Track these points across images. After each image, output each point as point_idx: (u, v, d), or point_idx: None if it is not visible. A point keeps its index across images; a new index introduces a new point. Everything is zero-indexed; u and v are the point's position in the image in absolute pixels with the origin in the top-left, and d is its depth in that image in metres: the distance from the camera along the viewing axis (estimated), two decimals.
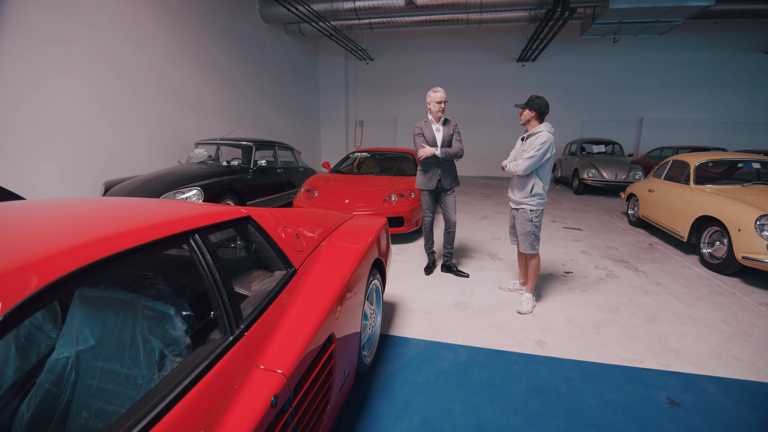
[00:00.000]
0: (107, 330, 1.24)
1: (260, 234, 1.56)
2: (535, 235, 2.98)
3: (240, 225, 1.53)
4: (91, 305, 1.24)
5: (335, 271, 1.74)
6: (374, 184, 5.20)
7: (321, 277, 1.66)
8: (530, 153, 2.77)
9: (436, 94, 3.44)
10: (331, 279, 1.67)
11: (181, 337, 1.22)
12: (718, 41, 11.24)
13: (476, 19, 9.64)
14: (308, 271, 1.67)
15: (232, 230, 1.54)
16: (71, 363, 1.18)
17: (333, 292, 1.60)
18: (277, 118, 10.62)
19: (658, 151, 10.18)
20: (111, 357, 1.23)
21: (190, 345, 1.22)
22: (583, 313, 3.05)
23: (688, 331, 2.81)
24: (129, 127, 6.04)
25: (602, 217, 6.70)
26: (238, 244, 1.59)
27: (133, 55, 6.01)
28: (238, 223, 1.51)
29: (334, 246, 1.97)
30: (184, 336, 1.22)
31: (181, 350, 1.21)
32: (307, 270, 1.68)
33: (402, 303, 3.17)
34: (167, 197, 4.54)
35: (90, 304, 1.24)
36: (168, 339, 1.21)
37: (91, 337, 1.24)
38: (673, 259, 4.45)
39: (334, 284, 1.65)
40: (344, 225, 2.35)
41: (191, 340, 1.22)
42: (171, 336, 1.21)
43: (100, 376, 1.20)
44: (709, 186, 4.56)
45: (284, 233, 1.70)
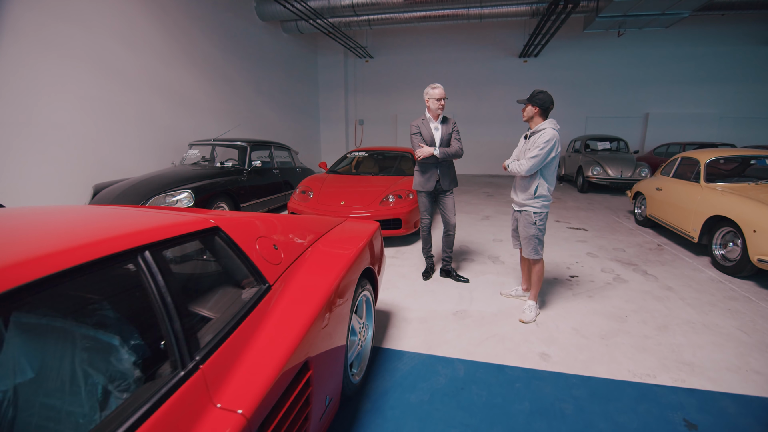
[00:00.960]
0: (47, 361, 1.09)
1: (230, 247, 1.40)
2: (539, 240, 2.80)
3: (206, 237, 1.37)
4: (29, 333, 1.08)
5: (316, 286, 1.58)
6: (371, 185, 5.03)
7: (299, 293, 1.49)
8: (534, 152, 2.59)
9: (434, 91, 3.26)
10: (310, 295, 1.51)
11: (128, 371, 1.06)
12: (725, 34, 10.96)
13: (476, 14, 9.43)
14: (286, 287, 1.50)
15: (198, 243, 1.38)
16: (8, 398, 1.02)
17: (312, 309, 1.43)
18: (275, 118, 10.47)
19: (665, 147, 9.94)
20: (51, 392, 1.07)
21: (138, 380, 1.06)
22: (589, 321, 2.87)
23: (702, 342, 2.63)
24: (121, 128, 5.91)
25: (608, 217, 6.50)
26: (204, 259, 1.43)
27: (124, 55, 5.86)
28: (204, 235, 1.35)
29: (317, 256, 1.80)
30: (131, 370, 1.06)
31: (129, 386, 1.05)
32: (285, 285, 1.51)
33: (397, 311, 3.00)
34: (156, 201, 4.40)
35: (28, 331, 1.08)
36: (112, 373, 1.05)
37: (30, 369, 1.08)
38: (683, 261, 4.26)
39: (314, 301, 1.48)
40: (332, 231, 2.19)
41: (140, 375, 1.06)
42: (116, 370, 1.05)
43: (39, 412, 1.04)
44: (721, 184, 4.36)
45: (259, 244, 1.53)
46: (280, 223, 1.90)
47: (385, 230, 4.46)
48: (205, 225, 1.37)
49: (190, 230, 1.30)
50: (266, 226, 1.71)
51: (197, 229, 1.32)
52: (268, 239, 1.60)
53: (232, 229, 1.46)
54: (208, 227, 1.37)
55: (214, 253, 1.38)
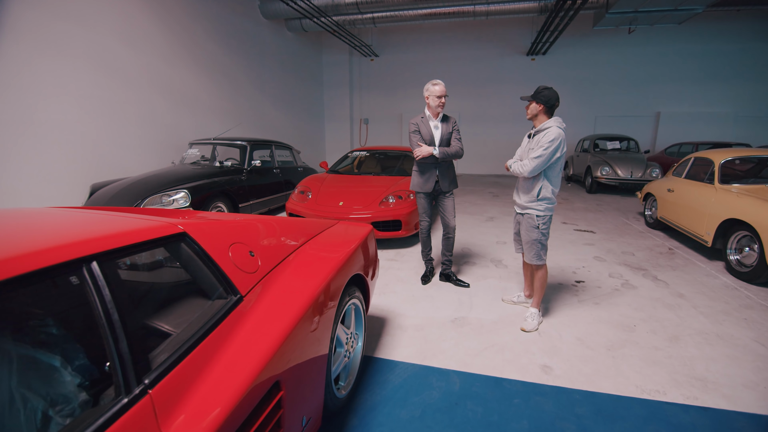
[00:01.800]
0: None
1: (197, 255, 1.29)
2: (542, 244, 2.65)
3: (171, 244, 1.26)
4: None
5: (295, 295, 1.46)
6: (371, 185, 4.91)
7: (275, 304, 1.38)
8: (537, 152, 2.45)
9: (435, 87, 3.13)
10: (287, 305, 1.39)
11: (72, 394, 0.95)
12: (739, 31, 10.61)
13: (483, 11, 9.26)
14: (261, 297, 1.39)
15: (163, 251, 1.27)
16: None
17: (287, 322, 1.32)
18: (279, 117, 10.40)
19: (677, 147, 9.66)
20: None
21: (83, 405, 0.95)
22: (595, 331, 2.72)
23: (716, 354, 2.46)
24: (120, 127, 5.86)
25: (617, 219, 6.30)
26: (168, 269, 1.32)
27: (124, 53, 5.82)
28: (168, 242, 1.24)
29: (300, 262, 1.69)
30: (75, 394, 0.95)
31: (72, 411, 0.94)
32: (260, 295, 1.40)
33: (393, 318, 2.88)
34: (152, 201, 4.33)
35: None
36: (54, 398, 0.94)
37: None
38: (695, 266, 4.07)
39: (291, 312, 1.37)
40: (321, 235, 2.08)
41: (85, 399, 0.96)
42: (58, 394, 0.95)
43: None
44: (736, 185, 4.16)
45: (233, 252, 1.42)
46: (263, 227, 1.79)
47: (384, 232, 4.34)
48: (171, 231, 1.26)
49: (152, 237, 1.19)
50: (244, 231, 1.60)
51: (160, 236, 1.22)
52: (243, 245, 1.49)
53: (202, 235, 1.35)
54: (174, 233, 1.26)
55: (180, 262, 1.27)
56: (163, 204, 4.38)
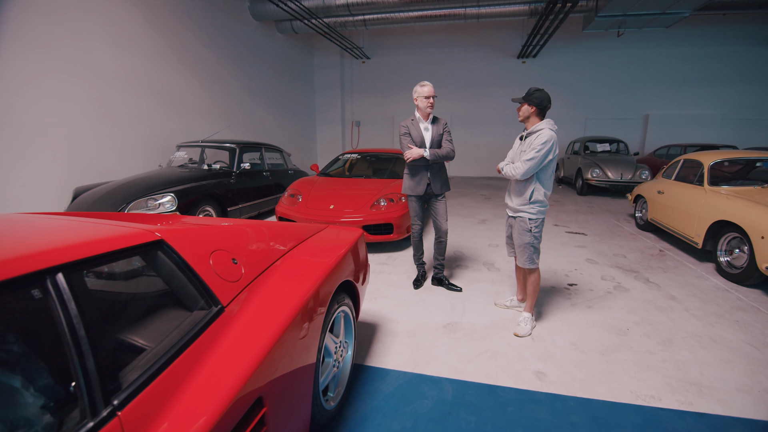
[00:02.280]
0: None
1: (175, 264, 1.22)
2: (535, 248, 2.62)
3: (147, 253, 1.19)
4: None
5: (280, 305, 1.40)
6: (362, 188, 4.85)
7: (258, 315, 1.31)
8: (530, 154, 2.41)
9: (423, 89, 3.09)
10: (271, 316, 1.33)
11: (34, 418, 0.88)
12: (726, 35, 10.80)
13: (474, 13, 9.28)
14: (243, 307, 1.32)
15: (139, 259, 1.20)
16: None
17: (271, 334, 1.25)
18: (269, 119, 10.30)
19: (665, 149, 9.77)
20: None
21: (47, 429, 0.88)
22: (589, 335, 2.69)
23: (710, 358, 2.45)
24: (106, 129, 5.73)
25: (608, 220, 6.32)
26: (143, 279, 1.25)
27: (109, 54, 5.69)
28: (143, 250, 1.17)
29: (286, 270, 1.62)
30: (37, 417, 0.88)
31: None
32: (243, 305, 1.33)
33: (384, 324, 2.82)
34: (137, 205, 4.22)
35: None
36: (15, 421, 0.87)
37: None
38: (686, 268, 4.08)
39: (275, 323, 1.30)
40: (309, 240, 2.01)
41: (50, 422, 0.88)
42: (19, 417, 0.87)
43: None
44: (725, 187, 4.19)
45: (215, 259, 1.36)
46: (247, 233, 1.72)
47: (376, 235, 4.28)
48: (146, 238, 1.19)
49: (126, 245, 1.12)
50: (227, 237, 1.53)
51: (134, 244, 1.15)
52: (226, 253, 1.42)
53: (181, 242, 1.28)
54: (150, 241, 1.20)
55: (157, 272, 1.20)
56: (149, 208, 4.28)
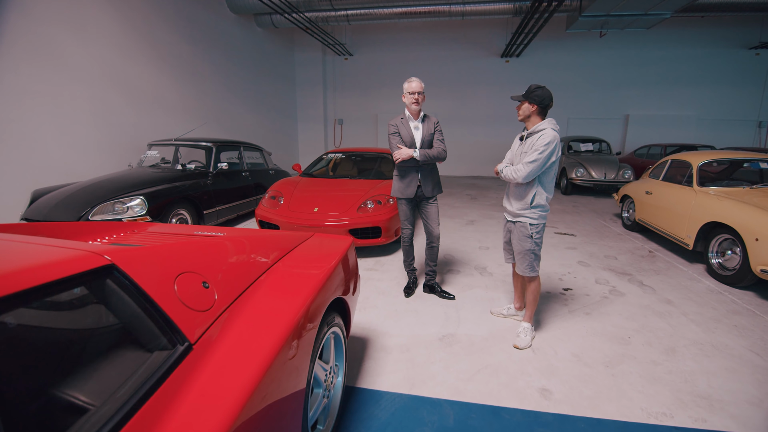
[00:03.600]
0: None
1: (129, 293, 0.99)
2: (536, 255, 2.47)
3: (93, 282, 0.95)
4: None
5: (261, 336, 1.18)
6: (348, 189, 4.63)
7: (235, 352, 1.09)
8: (532, 156, 2.25)
9: (410, 84, 2.90)
10: (251, 351, 1.11)
11: None
12: (703, 37, 11.06)
13: (458, 11, 9.16)
14: (216, 343, 1.10)
15: (83, 290, 0.96)
16: None
17: (250, 376, 1.04)
18: (248, 117, 9.92)
19: (646, 149, 9.91)
20: None
21: None
22: (591, 345, 2.56)
23: (715, 367, 2.35)
24: (70, 126, 5.32)
25: (594, 220, 6.30)
26: (88, 316, 1.01)
27: (72, 43, 5.27)
28: (88, 279, 0.94)
29: (267, 292, 1.40)
30: None
31: None
32: (216, 340, 1.11)
33: (375, 337, 2.62)
34: (103, 209, 3.88)
35: None
36: None
37: None
38: (678, 270, 4.04)
39: (255, 361, 1.08)
40: (293, 253, 1.79)
41: None
42: None
43: None
44: (714, 188, 4.17)
45: (180, 285, 1.13)
46: (222, 247, 1.48)
47: (363, 239, 4.08)
48: (92, 263, 0.95)
49: (64, 274, 0.88)
50: (196, 255, 1.29)
51: (76, 272, 0.91)
52: (194, 275, 1.19)
53: (137, 265, 1.05)
54: (98, 267, 0.96)
55: (106, 305, 0.97)
56: (116, 212, 3.94)
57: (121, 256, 1.03)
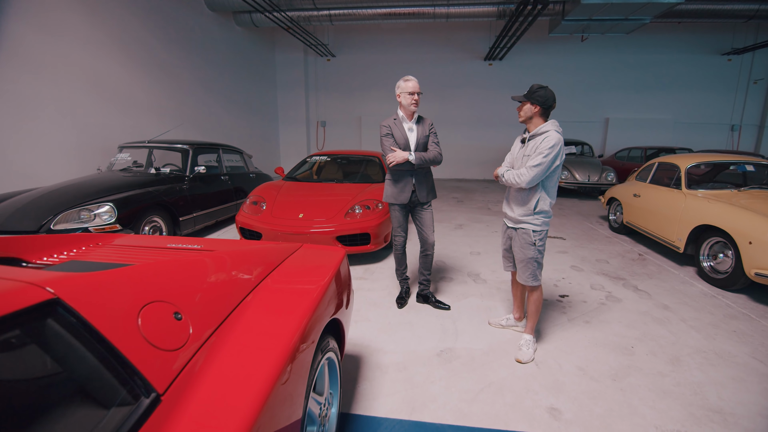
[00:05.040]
0: None
1: (79, 335, 0.78)
2: (538, 263, 2.34)
3: (32, 322, 0.74)
4: None
5: (246, 379, 0.98)
6: (335, 194, 4.43)
7: (214, 402, 0.89)
8: (536, 159, 2.12)
9: (407, 84, 2.75)
10: (234, 400, 0.91)
11: None
12: (679, 43, 11.37)
13: (443, 13, 9.11)
14: (191, 390, 0.90)
15: (19, 332, 0.74)
16: None
17: (234, 428, 0.84)
18: (227, 118, 9.58)
19: (626, 151, 10.07)
20: None
21: None
22: (595, 356, 2.45)
23: (722, 377, 2.27)
24: (32, 127, 4.93)
25: (581, 223, 6.29)
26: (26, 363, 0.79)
27: (34, 39, 4.90)
28: (26, 319, 0.73)
29: (253, 318, 1.20)
30: None
31: None
32: (190, 387, 0.90)
33: (369, 354, 2.43)
34: (68, 216, 3.56)
35: None
36: None
37: None
38: (669, 273, 4.01)
39: (240, 411, 0.89)
40: (280, 268, 1.59)
41: None
42: None
43: None
44: (702, 191, 4.17)
45: (146, 318, 0.92)
46: (197, 266, 1.28)
47: (351, 246, 3.88)
48: (30, 299, 0.74)
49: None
50: (167, 278, 1.09)
51: (7, 312, 0.70)
52: (164, 305, 0.99)
53: (90, 298, 0.84)
54: (37, 303, 0.75)
55: (47, 352, 0.76)
56: (82, 221, 3.63)
57: (68, 287, 0.82)
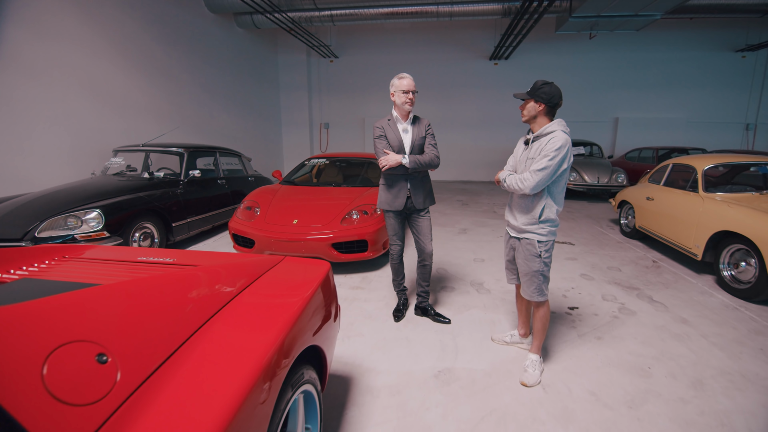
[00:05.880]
0: None
1: None
2: (544, 276, 2.14)
3: None
4: None
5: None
6: (332, 198, 4.26)
7: None
8: (542, 162, 1.92)
9: (402, 81, 2.56)
10: None
11: None
12: (691, 40, 11.03)
13: (446, 11, 8.92)
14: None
15: None
16: None
17: None
18: (229, 121, 9.48)
19: (637, 152, 9.77)
20: None
21: None
22: (608, 379, 2.23)
23: (751, 404, 2.04)
24: (24, 130, 4.84)
25: (591, 227, 6.04)
26: None
27: (28, 42, 4.81)
28: None
29: (205, 354, 1.02)
30: None
31: None
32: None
33: (360, 375, 2.25)
34: (54, 223, 3.44)
35: None
36: None
37: None
38: (687, 282, 3.77)
39: None
40: (251, 288, 1.41)
41: None
42: None
43: None
44: (720, 194, 3.92)
45: (53, 366, 0.74)
46: (137, 292, 1.10)
47: (348, 254, 3.70)
48: None
49: None
50: (92, 309, 0.91)
51: None
52: (85, 345, 0.81)
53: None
54: None
55: None
56: (68, 227, 3.50)
57: None
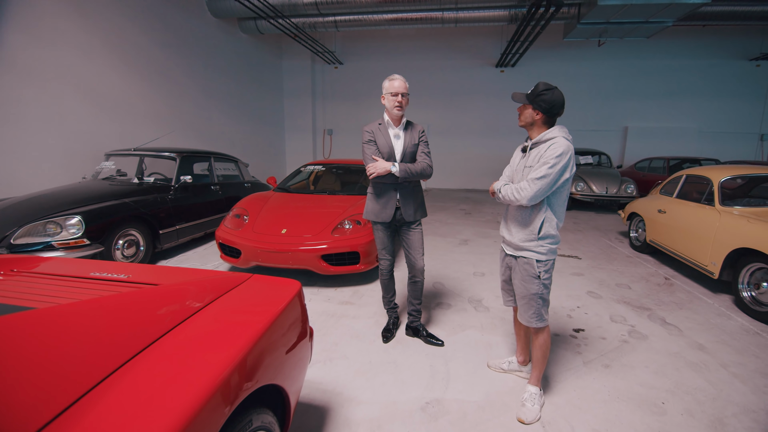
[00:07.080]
0: None
1: None
2: (544, 299, 1.91)
3: None
4: None
5: None
6: (324, 207, 4.07)
7: None
8: (540, 171, 1.72)
9: (391, 83, 2.37)
10: None
11: None
12: (704, 48, 10.76)
13: (452, 18, 8.77)
14: None
15: None
16: None
17: None
18: (231, 126, 9.38)
19: (647, 162, 9.48)
20: None
21: None
22: (616, 416, 1.99)
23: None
24: (15, 132, 4.74)
25: (599, 240, 5.77)
26: None
27: (20, 43, 4.73)
28: None
29: (128, 391, 0.82)
30: None
31: None
32: None
33: (339, 406, 2.03)
34: (32, 230, 3.29)
35: None
36: None
37: None
38: (702, 302, 3.50)
39: None
40: (202, 314, 1.21)
41: None
42: None
43: None
44: (738, 208, 3.66)
45: None
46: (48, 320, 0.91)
47: (338, 267, 3.50)
48: None
49: None
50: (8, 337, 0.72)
51: None
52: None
53: None
54: None
55: None
56: (48, 234, 3.35)
57: None
